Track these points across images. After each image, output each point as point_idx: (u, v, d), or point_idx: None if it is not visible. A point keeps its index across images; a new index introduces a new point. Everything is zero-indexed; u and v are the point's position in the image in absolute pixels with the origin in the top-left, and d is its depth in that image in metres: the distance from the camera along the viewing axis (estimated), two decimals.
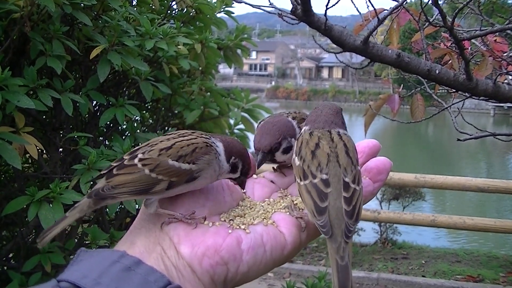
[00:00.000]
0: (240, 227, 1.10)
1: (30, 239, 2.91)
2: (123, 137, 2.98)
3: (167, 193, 1.10)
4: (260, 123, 1.39)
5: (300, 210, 1.15)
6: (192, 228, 1.07)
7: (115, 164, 1.12)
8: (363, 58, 2.67)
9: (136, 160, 1.10)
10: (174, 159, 1.09)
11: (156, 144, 1.13)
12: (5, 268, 2.68)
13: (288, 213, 1.16)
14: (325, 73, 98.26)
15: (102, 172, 1.12)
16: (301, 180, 1.12)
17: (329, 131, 1.19)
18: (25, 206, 2.26)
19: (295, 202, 1.19)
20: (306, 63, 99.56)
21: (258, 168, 1.26)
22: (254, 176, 1.31)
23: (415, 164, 24.20)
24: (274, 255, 1.08)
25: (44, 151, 2.89)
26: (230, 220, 1.12)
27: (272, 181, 1.31)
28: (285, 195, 1.26)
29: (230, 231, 1.08)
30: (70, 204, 2.34)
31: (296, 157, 1.17)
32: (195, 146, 1.12)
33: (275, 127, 1.30)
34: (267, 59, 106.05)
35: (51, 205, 2.26)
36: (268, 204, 1.21)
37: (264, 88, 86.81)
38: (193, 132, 1.17)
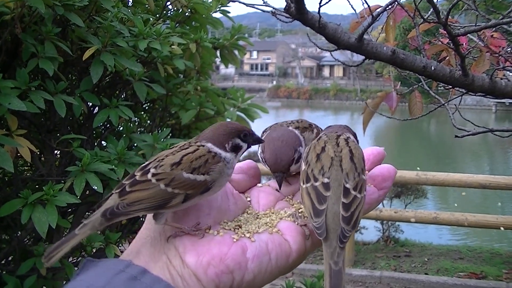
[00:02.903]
0: (245, 235, 1.09)
1: (28, 242, 2.90)
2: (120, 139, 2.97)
3: (183, 205, 1.09)
4: (263, 133, 1.38)
5: (305, 218, 1.15)
6: (198, 238, 1.06)
7: (127, 182, 1.09)
8: None
9: (149, 176, 1.08)
10: (188, 172, 1.08)
11: (163, 159, 1.11)
12: (3, 272, 2.67)
13: (293, 221, 1.16)
14: (326, 71, 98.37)
15: (114, 191, 1.10)
16: (303, 183, 1.13)
17: (338, 135, 1.20)
18: (21, 209, 2.25)
19: (300, 210, 1.19)
20: (307, 62, 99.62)
21: (279, 189, 1.25)
22: (259, 184, 1.30)
23: (416, 162, 24.17)
24: (279, 263, 1.08)
25: (41, 154, 2.88)
26: (235, 228, 1.12)
27: (277, 190, 1.30)
28: (290, 204, 1.25)
29: (235, 239, 1.07)
30: (65, 206, 2.34)
31: (303, 162, 1.18)
32: (206, 158, 1.11)
33: (285, 143, 1.28)
34: (268, 59, 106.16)
35: (45, 207, 2.25)
36: (273, 213, 1.21)
37: (265, 87, 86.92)
38: (190, 143, 1.16)
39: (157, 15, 3.50)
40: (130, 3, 3.44)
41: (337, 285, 0.99)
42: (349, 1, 2.73)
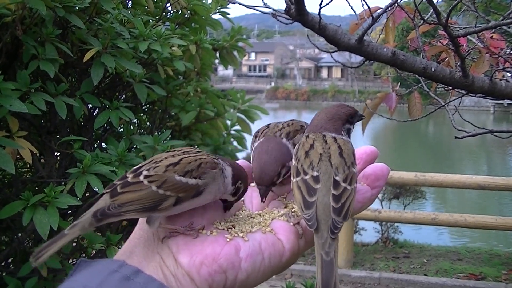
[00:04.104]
0: (238, 235, 1.09)
1: (27, 244, 2.90)
2: (120, 140, 2.97)
3: (174, 209, 1.08)
4: (255, 138, 1.38)
5: (298, 217, 1.14)
6: (191, 238, 1.06)
7: (118, 182, 1.09)
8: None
9: (141, 177, 1.08)
10: (180, 175, 1.08)
11: (161, 160, 1.11)
12: (3, 273, 2.67)
13: (286, 220, 1.15)
14: (324, 73, 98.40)
15: (105, 191, 1.09)
16: (293, 178, 1.13)
17: (322, 135, 1.20)
18: (22, 211, 2.25)
19: (293, 210, 1.19)
20: (305, 63, 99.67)
21: (263, 201, 1.24)
22: (252, 184, 1.30)
23: (415, 163, 24.18)
24: (272, 263, 1.07)
25: (41, 156, 2.88)
26: (229, 228, 1.12)
27: (271, 190, 1.30)
28: (283, 203, 1.26)
29: (228, 239, 1.07)
30: (65, 208, 2.34)
31: (293, 158, 1.18)
32: (201, 161, 1.11)
33: (272, 158, 1.28)
34: (266, 60, 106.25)
35: (46, 209, 2.25)
36: (266, 212, 1.21)
37: (263, 89, 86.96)
38: (198, 151, 1.16)
39: (157, 17, 3.50)
40: (129, 4, 3.44)
41: (329, 276, 0.99)
42: (348, 3, 2.74)
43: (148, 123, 3.71)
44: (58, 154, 2.93)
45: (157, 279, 0.96)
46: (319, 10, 2.31)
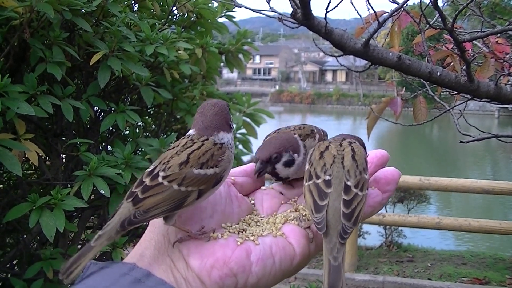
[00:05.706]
0: (249, 238, 1.09)
1: (33, 246, 2.91)
2: (125, 143, 2.98)
3: (197, 202, 1.09)
4: (266, 137, 1.39)
5: (309, 220, 1.15)
6: (203, 242, 1.06)
7: (137, 189, 1.08)
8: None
9: (160, 179, 1.07)
10: (198, 168, 1.08)
11: (168, 160, 1.10)
12: (9, 275, 2.68)
13: (297, 224, 1.16)
14: (329, 76, 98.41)
15: (125, 201, 1.08)
16: (306, 182, 1.14)
17: (343, 138, 1.22)
18: (28, 213, 2.26)
19: (303, 213, 1.19)
20: (310, 66, 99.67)
21: (256, 177, 1.25)
22: (263, 187, 1.30)
23: (419, 167, 24.14)
24: (283, 266, 1.08)
25: (47, 158, 2.89)
26: (239, 231, 1.12)
27: (280, 192, 1.30)
28: (294, 207, 1.25)
29: (239, 242, 1.07)
30: (71, 210, 2.35)
31: (307, 163, 1.19)
32: (212, 151, 1.11)
33: (277, 140, 1.30)
34: (271, 63, 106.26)
35: (52, 211, 2.26)
36: (277, 216, 1.21)
37: (268, 92, 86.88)
38: (192, 140, 1.15)
39: (163, 20, 3.51)
40: (136, 8, 3.46)
41: (336, 280, 0.98)
42: (354, 7, 2.75)
43: (154, 126, 3.72)
44: (64, 157, 2.94)
45: (167, 282, 0.96)
46: (325, 14, 2.32)
